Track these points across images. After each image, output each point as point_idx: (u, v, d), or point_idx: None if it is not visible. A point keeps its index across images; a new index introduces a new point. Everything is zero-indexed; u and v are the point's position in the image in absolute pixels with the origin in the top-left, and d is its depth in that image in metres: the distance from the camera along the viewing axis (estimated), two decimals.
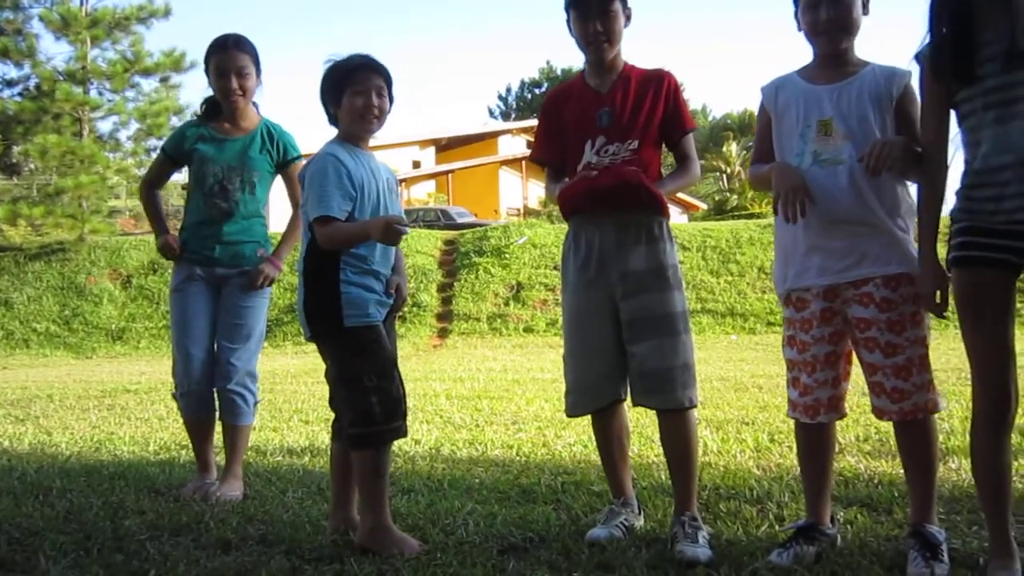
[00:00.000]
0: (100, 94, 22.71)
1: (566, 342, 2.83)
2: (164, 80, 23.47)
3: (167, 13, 22.83)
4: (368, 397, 2.60)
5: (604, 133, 2.74)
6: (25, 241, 22.66)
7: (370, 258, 2.67)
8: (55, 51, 38.05)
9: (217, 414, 3.62)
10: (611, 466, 2.87)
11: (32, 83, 22.41)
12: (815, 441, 2.52)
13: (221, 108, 3.59)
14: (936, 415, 2.39)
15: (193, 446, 3.66)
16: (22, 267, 20.65)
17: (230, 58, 3.47)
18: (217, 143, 3.56)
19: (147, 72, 22.89)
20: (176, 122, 23.56)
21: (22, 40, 22.00)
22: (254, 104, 3.64)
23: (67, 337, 17.78)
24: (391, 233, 2.50)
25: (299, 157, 3.67)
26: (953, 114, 2.24)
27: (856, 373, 2.48)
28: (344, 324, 2.62)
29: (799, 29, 2.49)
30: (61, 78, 21.83)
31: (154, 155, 21.78)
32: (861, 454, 3.84)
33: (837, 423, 2.57)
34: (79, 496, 3.42)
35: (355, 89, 2.66)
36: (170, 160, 3.69)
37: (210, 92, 3.61)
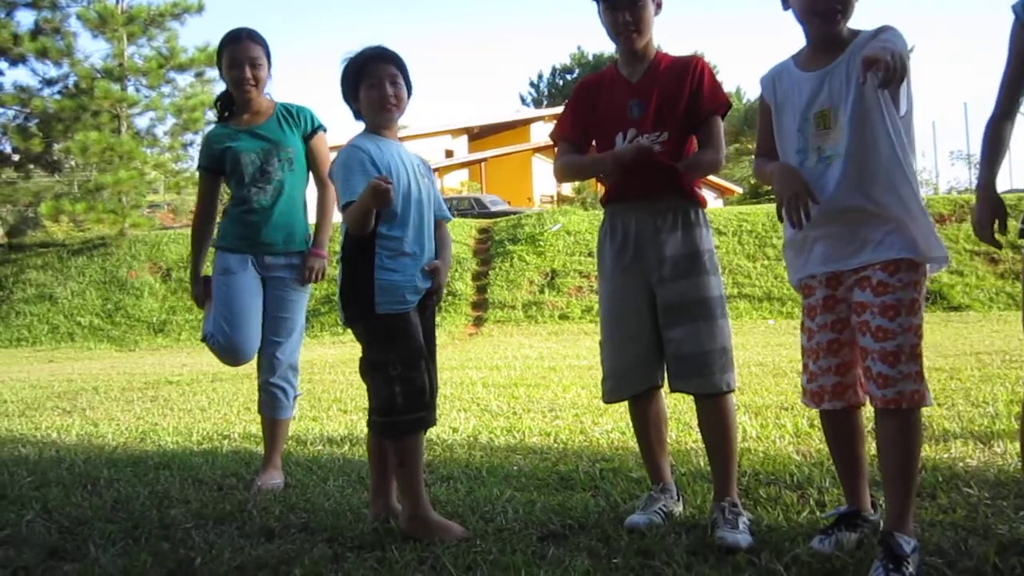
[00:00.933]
0: (137, 90, 23.03)
1: (602, 328, 2.83)
2: (199, 75, 23.75)
3: (200, 8, 23.07)
4: (391, 386, 2.62)
5: (635, 125, 2.72)
6: (67, 237, 23.13)
7: (403, 239, 2.69)
8: (92, 49, 38.49)
9: (257, 406, 3.67)
10: (649, 452, 2.86)
11: (71, 81, 22.78)
12: (839, 429, 2.46)
13: (235, 104, 3.62)
14: (922, 411, 2.25)
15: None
16: (65, 262, 21.07)
17: (243, 48, 3.50)
18: (244, 135, 3.57)
19: (182, 68, 23.18)
20: (212, 116, 23.87)
21: (60, 39, 22.35)
22: (267, 95, 3.65)
23: (110, 330, 18.11)
24: (378, 193, 2.51)
25: (322, 127, 3.70)
26: None
27: None
28: (375, 311, 2.65)
29: (786, 8, 2.33)
30: (99, 75, 22.17)
31: (191, 150, 22.03)
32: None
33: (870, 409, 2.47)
34: (126, 486, 3.49)
35: (369, 81, 2.71)
36: (209, 172, 3.66)
37: (220, 95, 3.67)
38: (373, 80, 2.70)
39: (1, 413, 6.25)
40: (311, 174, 3.71)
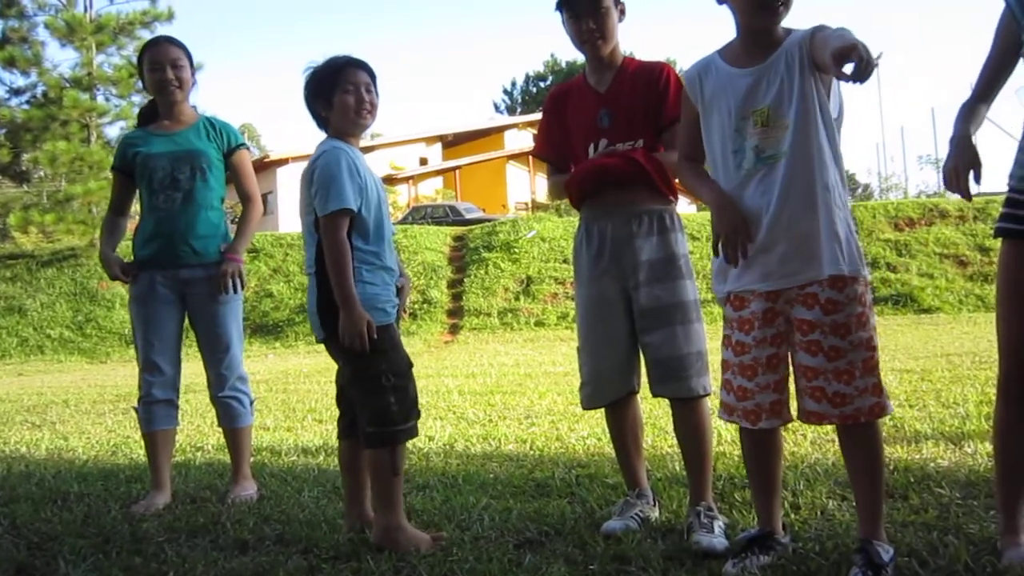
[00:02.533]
0: (107, 100, 22.74)
1: (580, 334, 2.83)
2: None
3: (170, 17, 22.86)
4: (386, 396, 2.60)
5: (606, 135, 2.74)
6: (37, 248, 22.80)
7: (381, 254, 2.69)
8: (61, 58, 38.13)
9: (216, 420, 3.63)
10: (625, 458, 2.87)
11: (39, 91, 22.48)
12: (760, 446, 2.36)
13: (157, 112, 3.56)
14: (883, 420, 2.23)
15: (150, 462, 3.51)
16: (34, 274, 20.76)
17: (163, 51, 3.47)
18: (159, 139, 3.51)
19: None
20: None
21: (28, 48, 22.06)
22: (193, 108, 3.60)
23: (81, 342, 17.86)
24: (356, 336, 2.53)
25: (244, 145, 3.65)
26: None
27: None
28: None
29: (720, 2, 2.23)
30: (68, 85, 21.90)
31: None
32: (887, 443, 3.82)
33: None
34: (97, 500, 3.45)
35: (344, 88, 2.68)
36: (121, 174, 3.59)
37: (143, 106, 3.63)
38: (348, 86, 2.68)
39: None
40: (235, 189, 3.66)
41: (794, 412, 2.29)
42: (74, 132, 21.76)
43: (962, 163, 2.16)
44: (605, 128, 2.74)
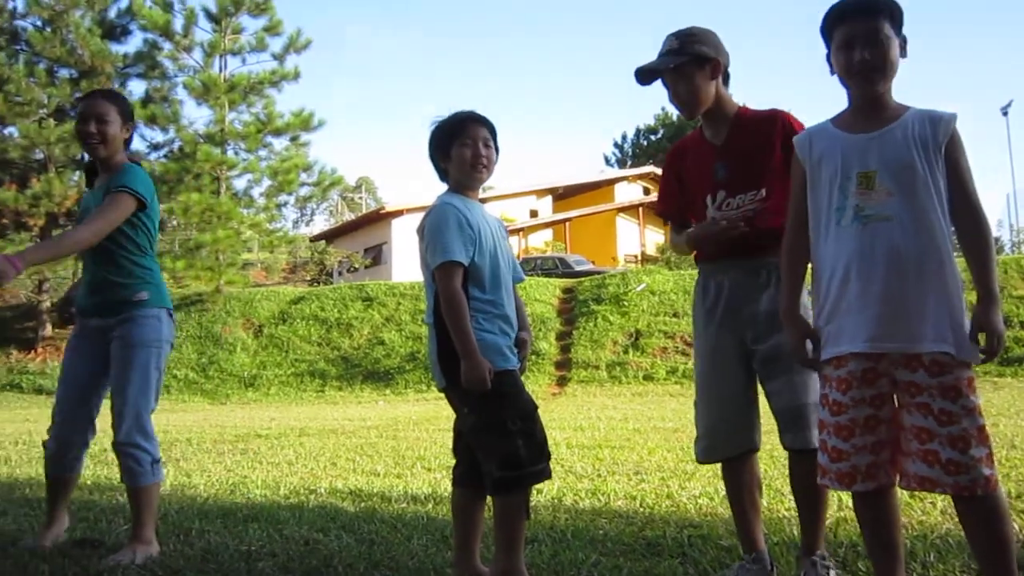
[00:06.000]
0: (236, 153, 24.16)
1: (697, 387, 2.81)
2: (294, 139, 24.82)
3: (297, 76, 24.23)
4: (514, 440, 2.60)
5: (723, 187, 2.73)
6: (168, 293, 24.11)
7: (498, 302, 2.71)
8: (196, 115, 40.53)
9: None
10: (742, 518, 2.77)
11: (176, 145, 24.06)
12: (872, 511, 2.24)
13: (96, 168, 3.52)
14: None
15: (46, 497, 3.52)
16: None
17: (92, 105, 3.44)
18: (91, 196, 3.50)
19: (278, 132, 24.27)
20: (305, 178, 24.83)
21: (168, 107, 23.71)
22: (136, 163, 3.54)
23: (204, 384, 18.69)
24: (479, 381, 2.54)
25: (126, 188, 3.34)
26: None
27: None
28: None
29: (832, 73, 2.30)
30: (201, 140, 23.37)
31: (285, 211, 22.83)
32: (1015, 512, 3.57)
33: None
34: (215, 537, 3.55)
35: (463, 141, 2.75)
36: None
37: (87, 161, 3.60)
38: (467, 140, 2.75)
39: (101, 461, 6.46)
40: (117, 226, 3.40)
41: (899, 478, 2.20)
42: (206, 184, 23.12)
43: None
44: (721, 180, 2.73)
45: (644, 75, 2.73)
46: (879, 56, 2.18)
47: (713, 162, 2.76)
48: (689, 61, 2.66)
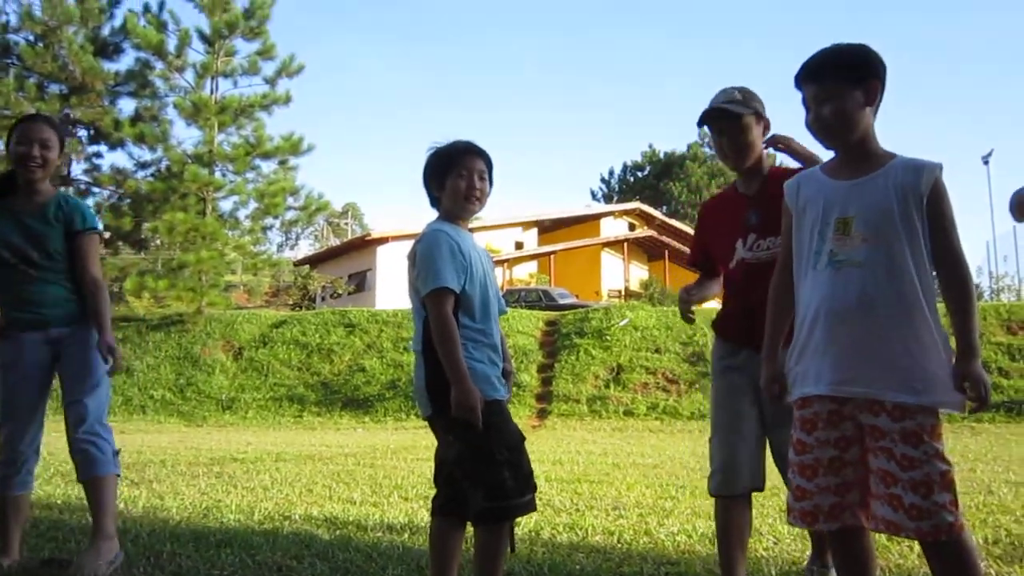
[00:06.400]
0: (223, 175, 24.12)
1: (713, 423, 2.92)
2: (282, 163, 24.82)
3: (288, 100, 24.29)
4: (501, 471, 2.59)
5: (754, 231, 2.86)
6: (148, 312, 23.98)
7: (487, 331, 2.71)
8: (185, 135, 40.34)
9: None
10: (729, 558, 2.79)
11: (163, 165, 24.02)
12: (844, 550, 2.26)
13: (15, 184, 3.51)
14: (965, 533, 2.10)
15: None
16: (143, 336, 21.75)
17: (35, 129, 3.47)
18: (9, 220, 3.47)
19: (267, 155, 24.29)
20: (291, 201, 24.81)
21: (157, 125, 23.70)
22: (64, 193, 3.59)
23: (180, 405, 18.49)
24: (469, 410, 2.53)
25: (90, 229, 3.51)
26: None
27: None
28: None
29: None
30: (189, 160, 23.34)
31: (270, 234, 22.87)
32: (991, 558, 3.57)
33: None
34: (187, 561, 3.49)
35: (459, 172, 2.75)
36: None
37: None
38: (463, 171, 2.75)
39: (72, 481, 6.36)
40: (77, 272, 3.50)
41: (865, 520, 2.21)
42: (191, 204, 23.06)
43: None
44: (754, 225, 2.86)
45: (712, 117, 2.84)
46: (832, 112, 2.22)
47: (746, 211, 2.89)
48: (752, 113, 2.82)
